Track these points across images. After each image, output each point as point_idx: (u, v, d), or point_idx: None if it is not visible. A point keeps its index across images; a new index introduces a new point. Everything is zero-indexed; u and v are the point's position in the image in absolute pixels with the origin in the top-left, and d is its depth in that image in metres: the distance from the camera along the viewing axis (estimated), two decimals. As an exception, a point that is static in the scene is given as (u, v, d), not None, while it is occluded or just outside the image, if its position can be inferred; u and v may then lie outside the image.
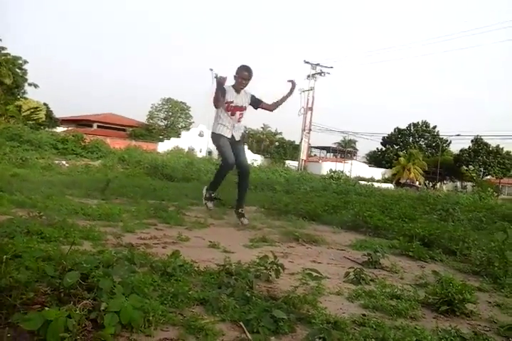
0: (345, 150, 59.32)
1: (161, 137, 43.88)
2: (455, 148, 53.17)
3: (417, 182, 45.91)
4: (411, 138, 53.49)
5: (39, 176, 9.49)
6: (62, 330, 1.55)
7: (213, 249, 3.61)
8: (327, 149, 61.85)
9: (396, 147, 52.78)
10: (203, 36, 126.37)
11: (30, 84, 34.02)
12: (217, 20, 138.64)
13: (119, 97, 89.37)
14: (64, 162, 14.73)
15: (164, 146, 36.39)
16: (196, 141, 39.96)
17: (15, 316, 1.60)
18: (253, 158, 38.09)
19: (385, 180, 42.42)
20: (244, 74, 5.23)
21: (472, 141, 48.68)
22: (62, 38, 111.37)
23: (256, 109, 5.52)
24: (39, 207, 4.54)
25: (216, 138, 5.36)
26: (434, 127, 53.34)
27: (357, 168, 43.86)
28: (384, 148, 53.89)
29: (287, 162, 41.64)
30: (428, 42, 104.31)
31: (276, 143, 52.24)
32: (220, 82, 4.98)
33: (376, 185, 21.50)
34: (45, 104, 38.70)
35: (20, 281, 1.84)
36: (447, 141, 52.52)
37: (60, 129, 36.42)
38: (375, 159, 54.45)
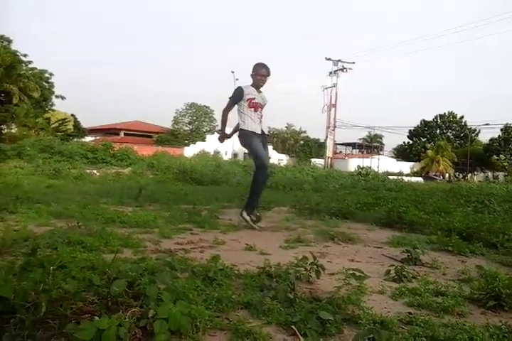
0: (371, 145, 58.70)
1: (186, 142, 44.34)
2: (484, 137, 52.22)
3: (447, 174, 45.10)
4: (438, 130, 52.55)
5: (72, 186, 9.70)
6: (114, 339, 1.57)
7: (250, 252, 3.62)
8: (352, 145, 61.41)
9: (423, 139, 51.94)
10: (222, 38, 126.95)
11: (57, 97, 34.87)
12: (235, 22, 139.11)
13: (143, 104, 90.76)
14: (95, 171, 15.02)
15: (190, 151, 36.75)
16: (221, 144, 40.10)
17: (69, 326, 1.64)
18: (279, 158, 38.09)
19: (414, 174, 41.77)
20: (262, 71, 5.20)
21: (502, 129, 47.49)
22: (82, 45, 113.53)
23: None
24: (77, 217, 4.64)
25: (247, 136, 5.15)
26: (462, 117, 52.33)
27: (384, 163, 43.35)
28: (411, 142, 53.11)
29: (313, 160, 41.47)
30: (450, 31, 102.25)
31: (301, 142, 52.05)
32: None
33: (406, 179, 21.16)
34: (72, 115, 39.63)
35: (69, 291, 1.88)
36: (476, 130, 51.42)
37: (88, 139, 37.26)
38: (402, 153, 53.71)
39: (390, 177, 21.06)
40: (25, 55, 31.45)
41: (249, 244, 3.77)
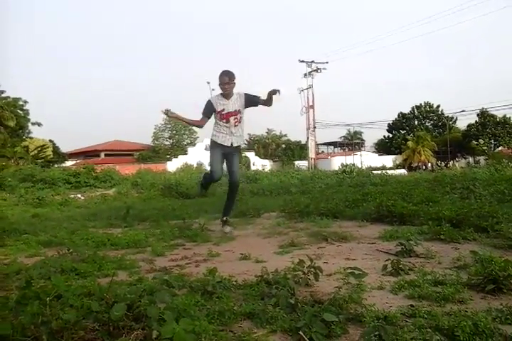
0: (352, 142, 59.14)
1: (168, 156, 44.13)
2: (462, 124, 52.63)
3: (429, 164, 45.69)
4: (416, 121, 53.10)
5: (58, 213, 9.56)
6: (120, 364, 1.55)
7: (245, 261, 3.61)
8: (334, 144, 61.79)
9: (403, 132, 52.45)
10: (193, 47, 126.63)
11: (33, 124, 34.58)
12: (206, 31, 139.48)
13: (121, 123, 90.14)
14: (79, 195, 14.84)
15: (173, 165, 36.59)
16: (204, 156, 39.99)
17: (72, 357, 1.61)
18: (262, 164, 38.12)
19: (397, 166, 42.13)
20: (223, 79, 5.21)
21: (478, 114, 48.22)
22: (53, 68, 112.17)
23: (257, 106, 5.39)
24: (66, 243, 4.56)
25: (212, 146, 5.44)
26: (438, 106, 52.93)
27: (367, 159, 43.65)
28: (391, 135, 53.60)
29: (297, 162, 41.61)
30: (418, 23, 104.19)
31: (283, 146, 52.18)
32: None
33: (390, 172, 21.34)
34: (50, 141, 39.25)
35: (69, 321, 1.85)
36: (453, 118, 52.10)
37: (69, 163, 36.89)
38: (383, 147, 54.15)
39: (374, 172, 21.21)
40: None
41: (243, 254, 3.75)
